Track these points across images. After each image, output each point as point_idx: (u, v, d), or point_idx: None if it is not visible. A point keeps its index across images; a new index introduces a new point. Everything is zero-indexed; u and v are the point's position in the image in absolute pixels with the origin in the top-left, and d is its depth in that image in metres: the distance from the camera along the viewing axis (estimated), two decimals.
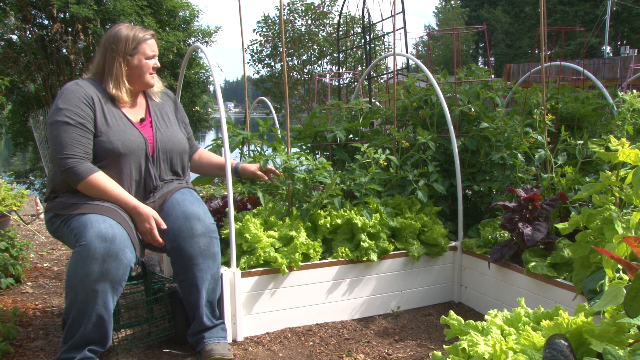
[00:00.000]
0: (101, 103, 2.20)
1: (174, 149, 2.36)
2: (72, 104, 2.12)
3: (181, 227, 2.17)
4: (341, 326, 2.65)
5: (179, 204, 2.24)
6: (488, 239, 2.87)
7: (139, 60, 2.27)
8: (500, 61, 34.07)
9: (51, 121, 2.13)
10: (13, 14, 8.04)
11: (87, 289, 1.94)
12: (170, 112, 2.47)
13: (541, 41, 2.91)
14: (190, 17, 10.09)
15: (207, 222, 2.23)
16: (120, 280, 2.00)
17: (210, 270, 2.23)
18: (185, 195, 2.31)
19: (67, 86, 2.19)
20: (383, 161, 2.96)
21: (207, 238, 2.20)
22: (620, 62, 7.12)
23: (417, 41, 38.67)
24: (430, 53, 6.16)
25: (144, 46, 2.27)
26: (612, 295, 1.28)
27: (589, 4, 31.90)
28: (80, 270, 1.93)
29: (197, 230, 2.18)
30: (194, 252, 2.17)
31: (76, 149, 2.09)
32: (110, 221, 2.02)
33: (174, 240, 2.18)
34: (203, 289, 2.22)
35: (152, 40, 2.32)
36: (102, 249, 1.94)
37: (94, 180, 2.10)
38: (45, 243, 4.45)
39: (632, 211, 2.02)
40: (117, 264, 1.97)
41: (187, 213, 2.20)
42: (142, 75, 2.29)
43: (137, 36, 2.26)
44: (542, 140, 2.99)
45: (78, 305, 1.96)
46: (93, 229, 1.96)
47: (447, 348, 1.53)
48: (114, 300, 2.02)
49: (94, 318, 1.98)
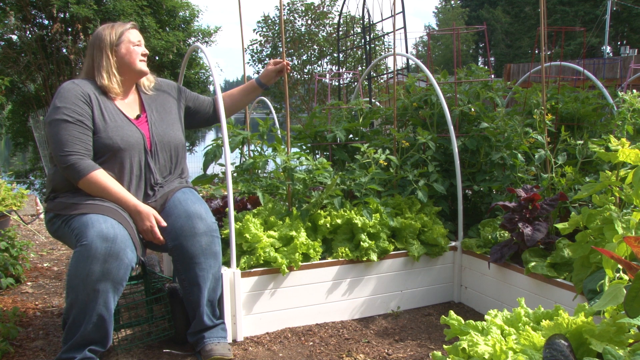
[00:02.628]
0: (98, 100, 2.22)
1: (171, 142, 2.37)
2: (70, 102, 2.14)
3: (183, 226, 2.18)
4: (341, 326, 2.65)
5: (181, 203, 2.25)
6: (488, 239, 2.87)
7: (126, 48, 2.29)
8: (500, 61, 34.07)
9: (50, 120, 2.14)
10: (13, 14, 8.03)
11: (88, 288, 1.94)
12: (165, 101, 2.47)
13: (541, 41, 2.91)
14: (190, 17, 10.09)
15: (209, 221, 2.23)
16: (121, 280, 2.00)
17: (212, 269, 2.23)
18: (186, 195, 2.31)
19: (64, 85, 2.21)
20: (383, 161, 2.95)
21: (209, 237, 2.21)
22: (620, 62, 7.12)
23: (417, 41, 38.69)
24: (430, 53, 6.16)
25: (126, 35, 2.31)
26: (612, 295, 1.28)
27: (589, 4, 31.89)
28: (82, 270, 1.93)
29: (199, 229, 2.18)
30: (195, 250, 2.17)
31: (77, 146, 2.10)
32: (111, 221, 2.02)
33: (176, 239, 2.18)
34: (205, 288, 2.22)
35: (134, 30, 2.35)
36: (104, 249, 1.94)
37: (95, 178, 2.10)
38: (45, 243, 4.45)
39: (632, 211, 2.02)
40: (119, 263, 1.97)
41: (189, 212, 2.20)
42: (132, 62, 2.30)
43: (117, 28, 2.31)
44: (542, 140, 2.99)
45: (79, 305, 1.96)
46: (94, 229, 1.96)
47: (447, 348, 1.53)
48: (115, 300, 2.02)
49: (94, 318, 1.98)
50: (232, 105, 2.75)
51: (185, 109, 2.60)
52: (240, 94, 2.75)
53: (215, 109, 2.68)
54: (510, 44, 35.96)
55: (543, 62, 2.95)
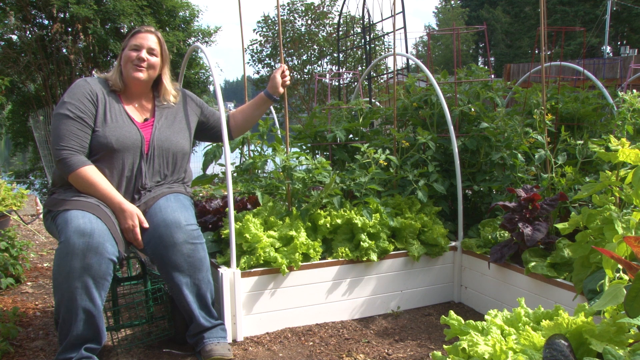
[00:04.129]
0: (105, 100, 2.26)
1: (170, 149, 2.36)
2: (76, 99, 2.20)
3: (162, 236, 2.14)
4: (341, 326, 2.65)
5: (161, 211, 2.20)
6: (488, 239, 2.87)
7: (126, 52, 2.34)
8: (500, 61, 34.05)
9: (55, 113, 2.22)
10: (13, 14, 8.03)
11: (72, 285, 1.94)
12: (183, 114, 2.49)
13: (541, 41, 2.91)
14: (190, 17, 10.09)
15: (188, 229, 2.17)
16: (104, 274, 1.98)
17: (197, 275, 2.19)
18: (169, 202, 2.26)
19: (76, 82, 2.29)
20: (383, 161, 2.96)
21: (190, 245, 2.16)
22: (620, 62, 7.12)
23: (417, 41, 38.67)
24: (430, 53, 6.16)
25: (132, 39, 2.35)
26: (612, 295, 1.28)
27: (589, 4, 31.89)
28: (64, 268, 1.93)
29: (178, 239, 2.14)
30: (177, 259, 2.14)
31: (72, 142, 2.14)
32: (89, 216, 2.02)
33: (156, 249, 2.15)
34: (190, 295, 2.20)
35: (144, 34, 2.35)
36: (81, 244, 1.93)
37: (83, 173, 2.13)
38: (45, 243, 4.45)
39: (632, 211, 2.02)
40: (99, 258, 1.96)
41: (167, 221, 2.15)
42: (125, 67, 2.33)
43: (132, 30, 2.37)
44: (542, 140, 2.99)
45: (65, 303, 1.96)
46: (72, 225, 1.97)
47: (447, 348, 1.53)
48: (101, 296, 2.00)
49: (81, 315, 1.97)
50: (245, 121, 2.72)
51: (201, 124, 2.61)
52: (251, 109, 2.72)
53: (230, 125, 2.70)
54: (510, 44, 35.96)
55: (543, 62, 2.95)
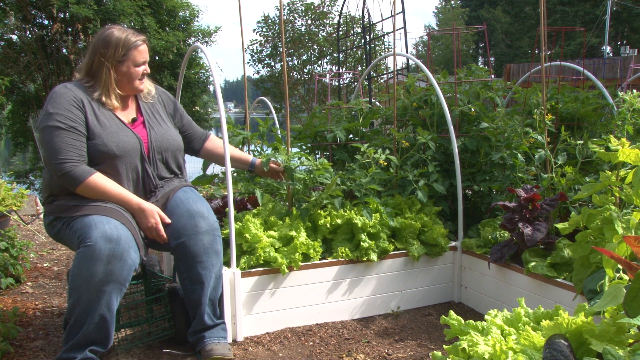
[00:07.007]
0: (91, 105, 2.18)
1: (169, 147, 2.36)
2: (62, 108, 2.10)
3: (185, 225, 2.18)
4: (341, 326, 2.65)
5: (183, 202, 2.25)
6: (488, 239, 2.87)
7: (127, 67, 2.23)
8: (500, 61, 34.04)
9: (42, 126, 2.11)
10: (13, 14, 8.04)
11: (91, 289, 1.94)
12: (161, 109, 2.45)
13: (541, 41, 2.91)
14: (190, 17, 10.09)
15: (211, 219, 2.24)
16: (124, 281, 2.00)
17: (214, 267, 2.23)
18: (188, 194, 2.31)
19: (56, 90, 2.17)
20: (383, 161, 2.96)
21: (211, 236, 2.21)
22: (620, 62, 7.12)
23: (417, 41, 38.63)
24: (430, 53, 6.16)
25: (134, 53, 2.23)
26: (612, 295, 1.28)
27: (589, 4, 31.88)
28: (85, 271, 1.93)
29: (201, 228, 2.18)
30: (198, 249, 2.18)
31: (70, 153, 2.07)
32: (114, 222, 2.02)
33: (179, 238, 2.18)
34: (207, 286, 2.22)
35: (144, 46, 2.28)
36: (107, 250, 1.93)
37: (93, 182, 2.09)
38: (45, 243, 4.45)
39: (632, 211, 2.02)
40: (122, 264, 1.97)
41: (192, 211, 2.20)
42: (130, 81, 2.27)
43: (127, 42, 2.21)
44: (542, 140, 2.99)
45: (81, 306, 1.96)
46: (98, 230, 1.96)
47: (447, 348, 1.53)
48: (117, 301, 2.02)
49: (96, 318, 1.98)
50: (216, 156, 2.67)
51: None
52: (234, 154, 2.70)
53: (204, 147, 2.63)
54: (510, 44, 35.95)
55: (543, 62, 2.95)
